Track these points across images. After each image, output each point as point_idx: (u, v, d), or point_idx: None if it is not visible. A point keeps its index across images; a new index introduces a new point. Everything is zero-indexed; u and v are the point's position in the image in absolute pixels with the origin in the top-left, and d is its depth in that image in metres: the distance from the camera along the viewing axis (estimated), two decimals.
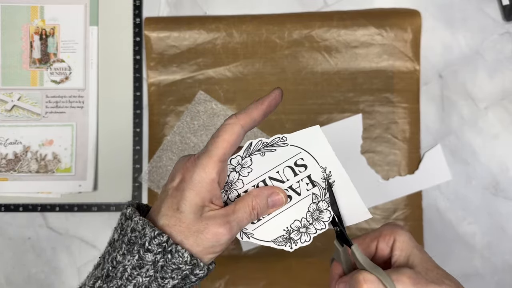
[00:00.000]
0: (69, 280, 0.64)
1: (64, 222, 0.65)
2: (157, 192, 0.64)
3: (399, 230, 0.39)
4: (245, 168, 0.39)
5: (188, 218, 0.35)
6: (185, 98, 0.65)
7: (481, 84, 0.64)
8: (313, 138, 0.39)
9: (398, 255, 0.38)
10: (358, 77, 0.64)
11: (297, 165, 0.39)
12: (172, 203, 0.36)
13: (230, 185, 0.39)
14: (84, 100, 0.65)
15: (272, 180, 0.39)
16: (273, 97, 0.38)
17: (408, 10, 0.65)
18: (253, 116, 0.37)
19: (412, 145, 0.63)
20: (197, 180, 0.36)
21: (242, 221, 0.37)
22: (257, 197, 0.38)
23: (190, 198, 0.35)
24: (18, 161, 0.64)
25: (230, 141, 0.36)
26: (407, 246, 0.38)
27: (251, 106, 0.38)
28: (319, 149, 0.39)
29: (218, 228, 0.35)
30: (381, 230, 0.39)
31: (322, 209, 0.39)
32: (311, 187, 0.39)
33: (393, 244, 0.38)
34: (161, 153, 0.64)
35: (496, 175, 0.63)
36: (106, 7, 0.66)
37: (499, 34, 0.64)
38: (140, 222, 0.35)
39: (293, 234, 0.39)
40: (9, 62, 0.65)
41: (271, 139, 0.39)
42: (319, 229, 0.39)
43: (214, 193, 0.36)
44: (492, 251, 0.63)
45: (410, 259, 0.38)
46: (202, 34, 0.65)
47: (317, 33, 0.64)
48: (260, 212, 0.38)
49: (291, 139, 0.39)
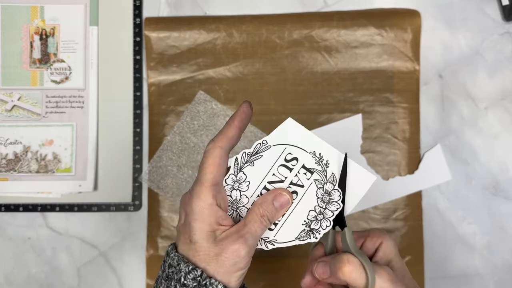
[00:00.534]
0: (69, 280, 0.64)
1: (64, 222, 0.65)
2: (157, 192, 0.64)
3: (387, 236, 0.41)
4: (242, 183, 0.40)
5: (203, 246, 0.37)
6: (185, 98, 0.65)
7: (481, 84, 0.64)
8: (290, 130, 0.40)
9: (381, 256, 0.40)
10: (358, 77, 0.64)
11: (288, 161, 0.40)
12: (184, 239, 0.38)
13: (237, 205, 0.40)
14: (84, 100, 0.65)
15: (272, 183, 0.40)
16: (242, 111, 0.40)
17: (408, 10, 0.65)
18: (228, 135, 0.39)
19: (412, 145, 0.63)
20: (197, 209, 0.37)
21: (256, 232, 0.38)
22: (262, 205, 0.39)
23: (198, 228, 0.37)
24: (18, 161, 0.64)
25: (215, 164, 0.38)
26: (391, 251, 0.40)
27: (225, 126, 0.40)
28: (300, 138, 0.40)
29: (233, 245, 0.37)
30: (370, 231, 0.42)
31: (329, 191, 0.39)
32: (310, 175, 0.40)
33: (379, 246, 0.40)
34: (161, 153, 0.64)
35: (496, 175, 0.63)
36: (106, 7, 0.66)
37: (499, 34, 0.64)
38: (176, 258, 0.37)
39: (313, 224, 0.40)
40: (9, 62, 0.65)
41: (253, 147, 0.40)
42: (335, 210, 0.39)
43: (217, 215, 0.38)
44: (492, 251, 0.63)
45: (391, 263, 0.40)
46: (202, 34, 0.65)
47: (317, 33, 0.64)
48: (270, 218, 0.39)
49: (270, 140, 0.40)
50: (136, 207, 0.64)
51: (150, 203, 0.64)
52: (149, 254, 0.64)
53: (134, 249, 0.64)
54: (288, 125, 0.40)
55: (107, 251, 0.64)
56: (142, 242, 0.64)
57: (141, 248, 0.64)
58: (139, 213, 0.64)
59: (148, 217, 0.64)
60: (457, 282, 0.63)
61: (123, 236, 0.64)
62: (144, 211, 0.64)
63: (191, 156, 0.64)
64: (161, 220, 0.64)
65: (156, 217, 0.64)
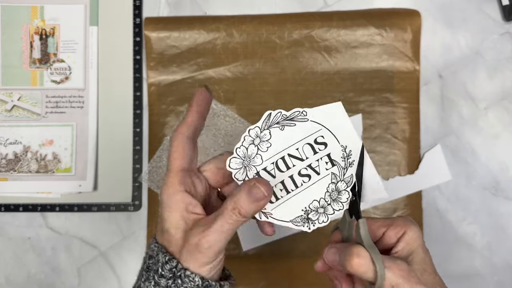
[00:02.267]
0: (69, 280, 0.64)
1: (64, 222, 0.65)
2: (157, 192, 0.64)
3: (412, 226, 0.38)
4: (263, 142, 0.38)
5: (173, 235, 0.36)
6: (185, 98, 0.65)
7: (481, 84, 0.64)
8: (334, 115, 0.37)
9: (402, 247, 0.38)
10: (358, 77, 0.64)
11: (317, 143, 0.38)
12: (159, 229, 0.37)
13: (249, 161, 0.38)
14: (84, 100, 0.65)
15: (291, 157, 0.38)
16: (198, 95, 0.39)
17: (408, 10, 0.65)
18: (188, 121, 0.38)
19: (412, 145, 0.63)
20: (165, 197, 0.37)
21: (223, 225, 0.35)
22: (234, 196, 0.35)
23: (168, 216, 0.36)
24: (18, 161, 0.64)
25: (179, 151, 0.37)
26: (414, 242, 0.38)
27: (185, 113, 0.39)
28: (340, 127, 0.38)
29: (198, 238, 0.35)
30: (394, 219, 0.39)
31: (340, 190, 0.38)
32: (330, 166, 0.38)
33: (402, 236, 0.38)
34: (161, 153, 0.64)
35: (496, 175, 0.63)
36: (106, 7, 0.66)
37: (499, 34, 0.64)
38: (155, 248, 0.37)
39: (311, 214, 0.38)
40: (9, 62, 0.65)
41: (291, 112, 0.38)
42: (337, 210, 0.38)
43: (186, 201, 0.36)
44: (492, 251, 0.63)
45: (411, 255, 0.38)
46: (202, 34, 0.65)
47: (317, 33, 0.64)
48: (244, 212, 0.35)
49: (311, 114, 0.37)
50: (136, 207, 0.64)
51: (150, 203, 0.64)
52: None
53: (134, 249, 0.64)
54: (335, 107, 0.38)
55: (107, 251, 0.64)
56: (142, 242, 0.64)
57: (141, 248, 0.64)
58: (139, 213, 0.64)
59: (148, 217, 0.64)
60: (457, 282, 0.63)
61: (123, 236, 0.64)
62: (144, 211, 0.64)
63: None
64: None
65: (156, 217, 0.64)
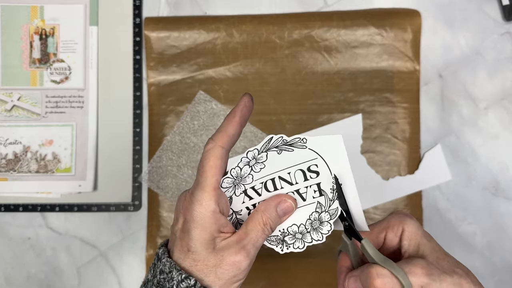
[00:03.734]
0: (69, 280, 0.64)
1: (64, 222, 0.65)
2: (157, 192, 0.64)
3: (407, 220, 0.38)
4: (258, 164, 0.38)
5: (202, 255, 0.35)
6: (185, 98, 0.65)
7: (481, 84, 0.64)
8: (332, 147, 0.38)
9: (407, 245, 0.37)
10: (358, 77, 0.64)
11: (310, 171, 0.38)
12: (182, 246, 0.36)
13: (240, 180, 0.38)
14: (84, 100, 0.65)
15: (281, 180, 0.38)
16: (243, 105, 0.37)
17: (408, 10, 0.65)
18: (229, 133, 0.36)
19: (412, 145, 0.63)
20: (198, 217, 0.35)
21: (257, 241, 0.36)
22: (265, 211, 0.37)
23: (197, 236, 0.35)
24: (18, 161, 0.64)
25: (217, 166, 0.35)
26: (415, 236, 0.37)
27: (224, 123, 0.36)
28: (335, 160, 0.38)
29: (234, 257, 0.35)
30: (389, 220, 0.39)
31: (323, 220, 0.38)
32: (318, 195, 0.38)
33: (402, 234, 0.38)
34: (161, 153, 0.64)
35: (496, 175, 0.63)
36: (106, 7, 0.66)
37: (499, 34, 0.64)
38: (168, 264, 0.35)
39: (287, 237, 0.38)
40: (9, 62, 0.65)
41: (291, 138, 0.38)
42: (315, 240, 0.38)
43: (219, 223, 0.35)
44: (492, 251, 0.63)
45: (420, 248, 0.37)
46: (202, 34, 0.65)
47: (317, 33, 0.64)
48: (273, 226, 0.37)
49: (310, 142, 0.38)
50: (136, 207, 0.64)
51: (150, 203, 0.64)
52: (149, 254, 0.63)
53: (134, 249, 0.64)
54: (334, 140, 0.38)
55: (107, 251, 0.64)
56: (142, 242, 0.64)
57: (141, 248, 0.64)
58: (139, 213, 0.64)
59: (148, 217, 0.64)
60: None
61: (123, 236, 0.64)
62: (144, 211, 0.64)
63: (191, 156, 0.64)
64: (161, 220, 0.64)
65: (156, 217, 0.64)
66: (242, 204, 0.39)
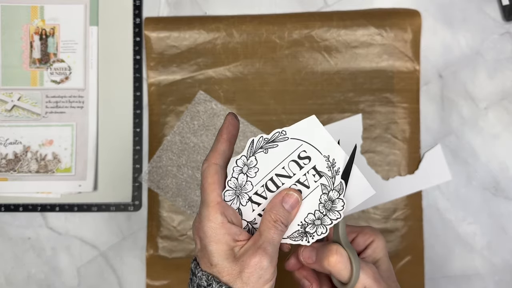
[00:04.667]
0: (69, 280, 0.64)
1: (64, 222, 0.65)
2: (157, 192, 0.64)
3: (380, 236, 0.41)
4: (251, 169, 0.39)
5: (225, 267, 0.36)
6: (185, 98, 0.65)
7: (481, 84, 0.64)
8: (311, 128, 0.39)
9: (369, 254, 0.40)
10: (358, 77, 0.64)
11: (301, 158, 0.39)
12: (205, 263, 0.37)
13: (240, 189, 0.39)
14: (84, 100, 0.65)
15: (280, 176, 0.39)
16: (228, 123, 0.39)
17: (408, 10, 0.65)
18: (219, 150, 0.39)
19: (412, 145, 0.63)
20: (209, 232, 0.37)
21: (273, 239, 0.37)
22: (273, 209, 0.38)
23: (215, 250, 0.37)
24: (18, 161, 0.64)
25: (215, 182, 0.38)
26: (380, 251, 0.40)
27: (215, 142, 0.39)
28: (319, 139, 0.39)
29: (253, 258, 0.36)
30: (363, 227, 0.41)
31: (333, 199, 0.39)
32: (318, 178, 0.39)
33: (370, 244, 0.40)
34: (161, 153, 0.64)
35: (496, 175, 0.63)
36: (106, 7, 0.66)
37: (499, 34, 0.64)
38: (204, 277, 0.37)
39: (308, 227, 0.39)
40: (9, 62, 0.65)
41: (271, 134, 0.39)
42: (334, 219, 0.38)
43: (231, 232, 0.37)
44: (492, 251, 0.63)
45: (378, 262, 0.40)
46: (202, 34, 0.65)
47: (317, 33, 0.64)
48: (284, 221, 0.38)
49: (290, 132, 0.39)
50: (136, 207, 0.64)
51: (150, 203, 0.64)
52: (149, 254, 0.64)
53: (134, 249, 0.64)
54: (310, 122, 0.39)
55: (107, 251, 0.64)
56: (142, 242, 0.64)
57: (141, 248, 0.64)
58: (139, 213, 0.64)
59: (148, 217, 0.64)
60: (457, 282, 0.63)
61: (123, 236, 0.64)
62: (144, 211, 0.64)
63: (191, 156, 0.64)
64: (161, 220, 0.64)
65: (156, 217, 0.64)
66: (253, 212, 0.39)
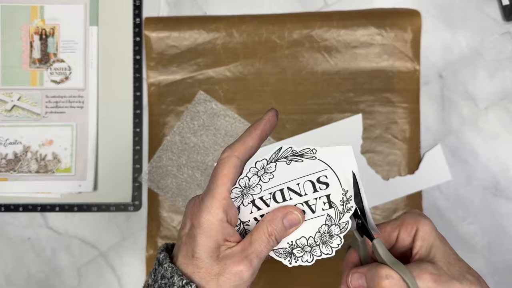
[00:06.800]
0: (69, 280, 0.64)
1: (64, 222, 0.65)
2: (157, 192, 0.64)
3: (422, 220, 0.37)
4: (267, 174, 0.38)
5: (205, 263, 0.35)
6: (185, 98, 0.65)
7: (481, 84, 0.64)
8: (342, 157, 0.37)
9: (420, 246, 0.37)
10: (358, 77, 0.64)
11: (319, 182, 0.37)
12: (187, 251, 0.35)
13: (248, 190, 0.38)
14: (84, 100, 0.65)
15: (290, 191, 0.37)
16: (267, 120, 0.37)
17: (408, 10, 0.65)
18: (247, 144, 0.36)
19: (412, 145, 0.63)
20: (205, 224, 0.35)
21: (261, 252, 0.35)
22: (271, 222, 0.36)
23: (203, 243, 0.35)
24: (18, 161, 0.64)
25: (230, 176, 0.35)
26: (429, 237, 0.36)
27: (245, 134, 0.36)
28: (345, 171, 0.37)
29: (237, 266, 0.34)
30: (403, 218, 0.38)
31: (333, 234, 0.37)
32: (328, 207, 0.37)
33: (415, 234, 0.37)
34: (161, 153, 0.64)
35: (496, 175, 0.63)
36: (106, 7, 0.66)
37: (499, 34, 0.64)
38: (169, 269, 0.35)
39: (296, 250, 0.37)
40: (9, 62, 0.65)
41: (301, 148, 0.37)
42: (324, 254, 0.37)
43: (226, 232, 0.35)
44: (492, 251, 0.63)
45: (432, 251, 0.36)
46: (202, 34, 0.65)
47: (317, 33, 0.64)
48: (278, 237, 0.36)
49: (320, 153, 0.37)
50: (136, 207, 0.64)
51: (150, 203, 0.64)
52: (149, 254, 0.64)
53: (134, 249, 0.64)
54: (344, 151, 0.37)
55: (107, 251, 0.64)
56: (142, 242, 0.64)
57: (141, 248, 0.64)
58: (139, 213, 0.64)
59: (148, 217, 0.64)
60: None
61: (123, 236, 0.64)
62: (144, 211, 0.64)
63: (191, 156, 0.64)
64: (161, 220, 0.64)
65: (156, 217, 0.64)
66: (250, 214, 0.38)
